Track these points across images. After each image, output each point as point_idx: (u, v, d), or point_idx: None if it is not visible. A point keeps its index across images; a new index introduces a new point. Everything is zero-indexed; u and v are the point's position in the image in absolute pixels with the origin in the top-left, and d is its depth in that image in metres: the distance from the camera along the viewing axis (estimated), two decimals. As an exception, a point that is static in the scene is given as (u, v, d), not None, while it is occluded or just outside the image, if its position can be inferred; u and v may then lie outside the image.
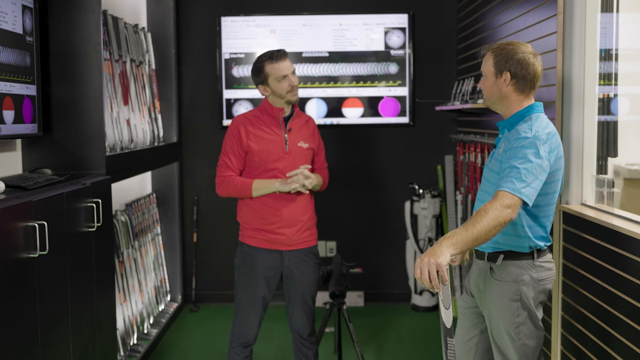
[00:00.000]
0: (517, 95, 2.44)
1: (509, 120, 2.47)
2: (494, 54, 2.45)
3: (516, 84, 2.42)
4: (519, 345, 2.43)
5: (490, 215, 2.18)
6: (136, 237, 4.36)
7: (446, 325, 2.23)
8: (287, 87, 3.11)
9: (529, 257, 2.42)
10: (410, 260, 5.12)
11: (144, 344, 4.17)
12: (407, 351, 4.30)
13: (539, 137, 2.31)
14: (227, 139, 3.18)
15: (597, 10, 3.02)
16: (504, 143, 2.43)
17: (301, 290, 3.21)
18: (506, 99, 2.45)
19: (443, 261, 2.10)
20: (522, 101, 2.45)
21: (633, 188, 3.77)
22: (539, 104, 2.47)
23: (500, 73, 2.43)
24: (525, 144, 2.30)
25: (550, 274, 2.47)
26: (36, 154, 3.26)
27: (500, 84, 2.43)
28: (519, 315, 2.41)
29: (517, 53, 2.42)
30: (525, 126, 2.37)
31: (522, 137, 2.32)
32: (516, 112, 2.44)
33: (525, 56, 2.42)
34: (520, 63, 2.40)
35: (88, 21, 3.25)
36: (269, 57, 3.12)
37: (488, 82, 2.47)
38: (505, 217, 2.20)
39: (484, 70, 2.49)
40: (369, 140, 5.27)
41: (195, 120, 5.25)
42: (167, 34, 4.97)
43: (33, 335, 2.40)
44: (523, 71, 2.41)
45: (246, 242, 3.20)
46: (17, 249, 2.31)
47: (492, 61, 2.45)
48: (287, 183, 3.08)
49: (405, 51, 5.15)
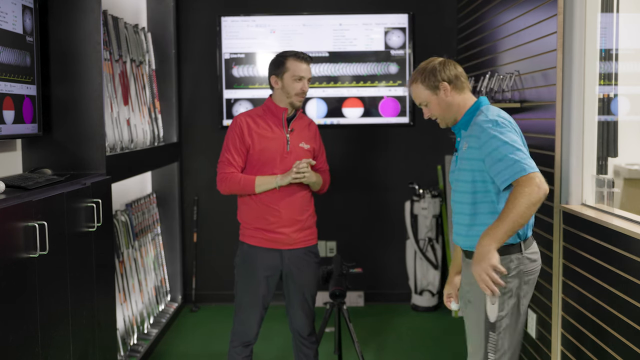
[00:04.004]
0: (460, 95, 2.55)
1: (462, 121, 2.56)
2: (419, 81, 2.55)
3: (454, 87, 2.53)
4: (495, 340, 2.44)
5: (520, 198, 2.23)
6: (136, 237, 4.36)
7: (490, 320, 2.35)
8: (298, 90, 3.12)
9: (518, 250, 2.45)
10: (410, 260, 5.12)
11: (144, 344, 4.17)
12: (407, 351, 4.30)
13: (500, 120, 2.42)
14: (230, 135, 3.17)
15: (597, 10, 3.02)
16: (466, 141, 2.50)
17: (301, 290, 3.21)
18: (454, 105, 2.55)
19: (495, 260, 2.23)
20: (466, 100, 2.55)
21: (633, 188, 3.77)
22: (483, 98, 2.57)
23: (437, 89, 2.53)
24: (494, 131, 2.38)
25: (536, 266, 2.51)
26: (36, 154, 3.26)
27: (444, 96, 2.53)
28: (503, 309, 2.43)
29: (434, 64, 2.55)
30: (482, 116, 2.46)
31: (485, 127, 2.41)
32: (466, 111, 2.54)
33: (440, 62, 2.55)
34: (444, 69, 2.53)
35: (88, 21, 3.25)
36: (294, 54, 3.14)
37: (434, 105, 2.56)
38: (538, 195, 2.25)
39: (423, 99, 2.57)
40: (369, 140, 5.27)
41: (195, 120, 5.25)
42: (167, 34, 4.97)
43: (33, 335, 2.40)
44: (451, 73, 2.53)
45: (246, 241, 3.20)
46: (17, 249, 2.31)
47: (422, 87, 2.55)
48: (287, 174, 3.08)
49: (405, 51, 5.15)
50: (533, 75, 3.40)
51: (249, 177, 3.12)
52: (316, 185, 3.23)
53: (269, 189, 3.12)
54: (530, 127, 3.47)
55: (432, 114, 2.58)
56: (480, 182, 2.45)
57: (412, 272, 5.12)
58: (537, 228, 3.41)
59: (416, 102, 2.60)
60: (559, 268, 3.14)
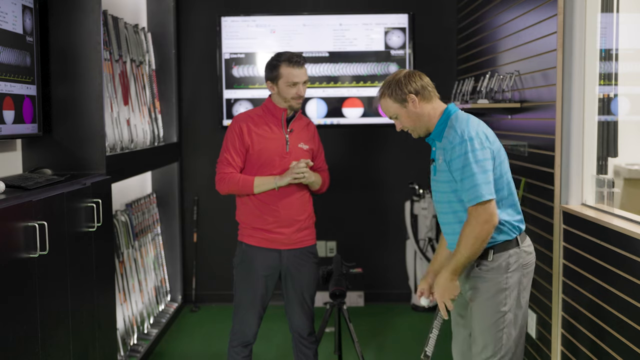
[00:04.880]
0: (428, 104, 2.57)
1: (434, 132, 2.59)
2: (387, 95, 2.58)
3: (421, 97, 2.55)
4: (501, 336, 2.50)
5: (471, 236, 2.40)
6: (136, 237, 4.36)
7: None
8: (294, 95, 3.11)
9: (515, 245, 2.51)
10: (410, 260, 5.12)
11: (144, 344, 4.17)
12: (407, 351, 4.30)
13: (468, 136, 2.44)
14: (229, 136, 3.17)
15: (597, 10, 3.02)
16: (441, 153, 2.53)
17: (299, 290, 3.21)
18: (424, 115, 2.57)
19: (456, 291, 2.50)
20: (435, 109, 2.58)
21: (633, 188, 3.77)
22: (451, 105, 2.59)
23: (405, 101, 2.55)
24: (462, 149, 2.43)
25: (532, 258, 2.58)
26: (36, 154, 3.26)
27: (413, 108, 2.55)
28: (506, 304, 2.49)
29: (399, 77, 2.57)
30: (452, 132, 2.49)
31: (455, 144, 2.45)
32: (437, 122, 2.57)
33: (405, 75, 2.57)
34: (409, 81, 2.55)
35: (88, 21, 3.25)
36: (287, 59, 3.12)
37: (404, 117, 2.59)
38: (487, 231, 2.40)
39: (393, 112, 2.60)
40: (369, 140, 5.27)
41: (195, 120, 5.25)
42: (167, 34, 4.97)
43: (33, 335, 2.40)
44: (417, 84, 2.55)
45: (245, 241, 3.20)
46: (17, 249, 2.31)
47: (391, 101, 2.58)
48: (285, 175, 3.08)
49: (405, 51, 5.15)
50: (533, 75, 3.40)
51: (247, 178, 3.12)
52: (315, 185, 3.23)
53: (268, 190, 3.12)
54: (530, 127, 3.48)
55: (403, 125, 2.62)
56: (460, 191, 2.49)
57: (412, 272, 5.12)
58: (537, 228, 3.41)
59: (387, 115, 2.64)
60: (559, 268, 3.14)
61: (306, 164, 3.09)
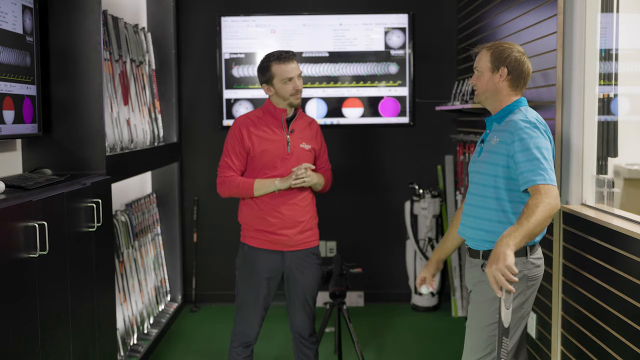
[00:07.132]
0: (510, 91, 2.55)
1: (498, 114, 2.57)
2: (490, 51, 2.56)
3: (511, 80, 2.54)
4: (492, 341, 2.46)
5: (541, 207, 2.26)
6: (136, 237, 4.36)
7: (504, 325, 2.31)
8: (291, 90, 3.11)
9: (522, 254, 2.46)
10: (410, 260, 5.12)
11: (144, 344, 4.17)
12: (407, 351, 4.30)
13: (536, 124, 2.44)
14: (229, 139, 3.17)
15: (597, 10, 3.02)
16: (497, 135, 2.51)
17: (302, 291, 3.21)
18: (499, 93, 2.56)
19: (511, 262, 2.19)
20: (512, 97, 2.56)
21: (633, 188, 3.77)
22: (523, 99, 2.59)
23: (497, 69, 2.54)
24: (531, 133, 2.40)
25: (539, 272, 2.53)
26: (36, 154, 3.26)
27: (496, 79, 2.54)
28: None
29: (513, 51, 2.54)
30: (520, 115, 2.48)
31: (523, 127, 2.42)
32: (505, 107, 2.55)
33: (520, 55, 2.54)
34: (517, 60, 2.53)
35: (88, 21, 3.25)
36: (276, 57, 3.12)
37: (484, 77, 2.57)
38: (555, 205, 2.29)
39: (480, 66, 2.58)
40: (369, 141, 5.27)
41: (195, 120, 5.25)
42: (167, 34, 4.97)
43: (33, 335, 2.40)
44: (519, 68, 2.53)
45: (247, 242, 3.20)
46: (17, 249, 2.31)
47: (488, 57, 2.56)
48: (286, 179, 3.08)
49: (405, 51, 5.15)
50: (533, 75, 3.40)
51: (247, 181, 3.12)
52: (318, 186, 3.23)
53: (268, 193, 3.12)
54: (530, 127, 3.47)
55: (476, 83, 2.60)
56: (501, 178, 2.47)
57: (412, 272, 5.12)
58: (537, 228, 3.40)
59: (474, 64, 2.62)
60: (559, 268, 3.14)
61: (306, 168, 3.08)
